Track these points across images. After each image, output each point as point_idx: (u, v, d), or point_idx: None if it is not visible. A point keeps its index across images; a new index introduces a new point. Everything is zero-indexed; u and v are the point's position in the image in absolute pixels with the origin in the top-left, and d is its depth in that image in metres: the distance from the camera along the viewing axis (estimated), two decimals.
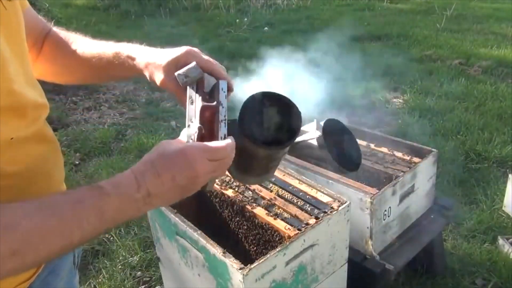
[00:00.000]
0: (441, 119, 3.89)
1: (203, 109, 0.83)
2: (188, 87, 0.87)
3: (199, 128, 0.81)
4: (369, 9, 8.19)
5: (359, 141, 2.12)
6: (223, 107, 0.84)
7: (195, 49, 0.92)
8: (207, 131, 0.82)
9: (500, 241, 2.43)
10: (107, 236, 2.66)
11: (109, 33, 5.79)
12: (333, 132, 0.98)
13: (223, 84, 0.86)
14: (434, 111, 4.06)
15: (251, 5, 8.54)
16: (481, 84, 4.55)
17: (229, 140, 0.80)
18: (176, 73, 0.86)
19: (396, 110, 4.27)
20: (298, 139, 0.98)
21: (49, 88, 4.79)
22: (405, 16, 7.59)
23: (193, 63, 0.87)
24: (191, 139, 0.81)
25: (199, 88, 0.87)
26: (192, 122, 0.83)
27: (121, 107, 4.67)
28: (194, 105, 0.85)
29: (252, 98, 0.88)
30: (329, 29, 6.63)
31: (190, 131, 0.82)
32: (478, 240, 2.51)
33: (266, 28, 7.12)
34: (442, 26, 6.53)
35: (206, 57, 0.91)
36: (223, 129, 0.82)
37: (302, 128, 0.94)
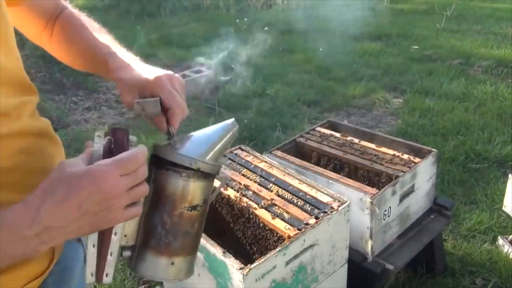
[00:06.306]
0: (441, 119, 3.88)
1: (114, 130, 0.75)
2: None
3: (109, 140, 0.73)
4: (369, 9, 8.18)
5: (358, 141, 2.13)
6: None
7: (169, 78, 0.84)
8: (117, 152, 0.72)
9: (500, 241, 2.43)
10: None
11: (109, 33, 5.78)
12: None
13: (133, 138, 0.78)
14: (434, 111, 4.06)
15: (251, 5, 8.53)
16: (481, 84, 4.54)
17: (140, 147, 0.72)
18: (135, 101, 0.80)
19: (396, 110, 4.27)
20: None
21: (49, 88, 4.79)
22: (405, 16, 7.58)
23: (156, 99, 0.80)
24: (99, 146, 0.73)
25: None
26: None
27: (121, 107, 4.67)
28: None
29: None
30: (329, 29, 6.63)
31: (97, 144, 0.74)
32: (478, 240, 2.51)
33: (266, 28, 7.12)
34: (442, 26, 6.52)
35: (174, 91, 0.82)
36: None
37: None
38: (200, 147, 0.81)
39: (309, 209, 1.49)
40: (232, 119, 0.87)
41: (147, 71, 0.86)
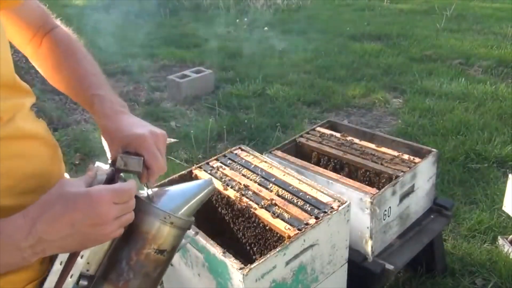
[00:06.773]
0: (441, 119, 3.88)
1: (113, 161, 0.84)
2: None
3: (112, 170, 0.81)
4: (369, 9, 8.18)
5: (358, 141, 2.13)
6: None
7: (154, 137, 0.87)
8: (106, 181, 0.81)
9: (500, 241, 2.43)
10: None
11: (109, 33, 5.79)
12: None
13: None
14: (434, 111, 4.06)
15: (251, 5, 8.53)
16: (481, 84, 4.54)
17: (132, 182, 0.77)
18: (119, 155, 0.84)
19: (396, 110, 4.27)
20: None
21: (49, 88, 4.78)
22: (405, 16, 7.58)
23: (140, 159, 0.84)
24: (104, 174, 0.79)
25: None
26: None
27: None
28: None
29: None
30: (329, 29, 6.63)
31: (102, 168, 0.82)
32: (478, 240, 2.51)
33: (266, 28, 7.12)
34: (442, 26, 6.52)
35: (157, 153, 0.86)
36: None
37: None
38: (175, 202, 0.86)
39: (309, 209, 1.49)
40: (210, 178, 0.91)
41: (133, 126, 0.88)
